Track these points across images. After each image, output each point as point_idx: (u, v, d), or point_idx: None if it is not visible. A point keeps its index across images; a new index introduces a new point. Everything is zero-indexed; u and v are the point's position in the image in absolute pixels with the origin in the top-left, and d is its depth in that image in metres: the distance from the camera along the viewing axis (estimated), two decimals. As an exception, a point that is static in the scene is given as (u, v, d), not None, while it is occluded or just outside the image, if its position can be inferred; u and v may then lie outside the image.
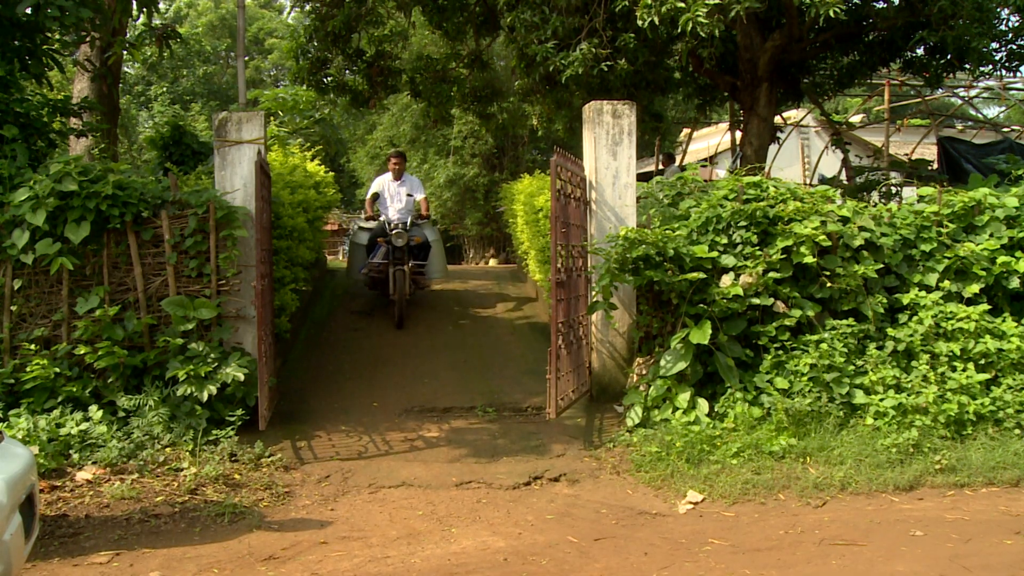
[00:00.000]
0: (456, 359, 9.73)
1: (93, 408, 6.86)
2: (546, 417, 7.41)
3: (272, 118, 14.72)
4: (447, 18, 12.57)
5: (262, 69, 40.71)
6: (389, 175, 11.50)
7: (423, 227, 11.55)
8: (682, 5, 8.53)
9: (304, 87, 13.63)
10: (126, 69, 23.96)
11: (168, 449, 6.66)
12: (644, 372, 7.60)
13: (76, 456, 6.49)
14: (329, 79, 13.02)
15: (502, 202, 18.49)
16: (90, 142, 10.82)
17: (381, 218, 11.14)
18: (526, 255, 13.51)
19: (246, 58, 28.94)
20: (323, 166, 13.25)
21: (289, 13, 36.14)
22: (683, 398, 7.11)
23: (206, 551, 5.17)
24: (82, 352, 6.99)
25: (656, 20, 8.70)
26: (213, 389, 6.93)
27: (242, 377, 7.06)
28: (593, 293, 7.65)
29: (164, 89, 23.59)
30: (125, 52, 10.83)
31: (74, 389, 6.95)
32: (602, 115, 8.20)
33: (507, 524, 5.67)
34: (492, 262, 25.24)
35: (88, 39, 9.62)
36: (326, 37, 12.35)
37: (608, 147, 8.17)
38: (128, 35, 11.16)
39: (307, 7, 12.84)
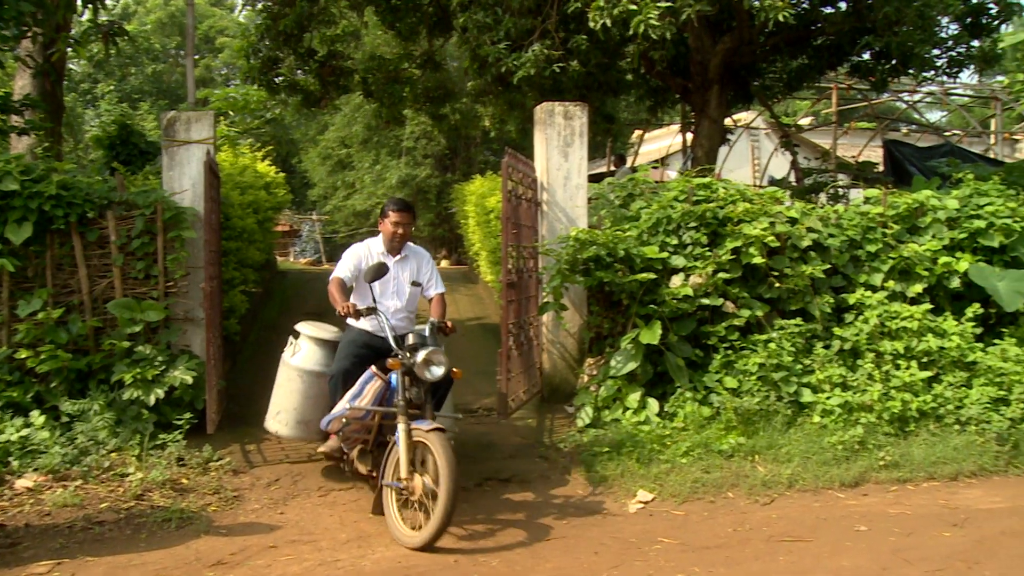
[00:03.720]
0: (408, 360, 9.66)
1: (35, 413, 6.69)
2: (497, 418, 7.40)
3: (222, 118, 14.57)
4: (400, 18, 12.52)
5: (213, 68, 40.26)
6: (377, 243, 6.29)
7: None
8: (634, 8, 8.57)
9: (255, 87, 13.51)
10: (72, 66, 23.53)
11: (114, 454, 6.53)
12: (595, 372, 7.63)
13: (16, 463, 6.31)
14: (280, 79, 12.89)
15: (454, 203, 18.47)
16: (33, 141, 10.60)
17: (375, 324, 6.00)
18: (477, 256, 13.51)
19: (196, 57, 28.62)
20: (274, 167, 13.14)
21: (240, 11, 35.85)
22: (633, 398, 7.14)
23: (152, 558, 5.07)
24: (23, 356, 6.82)
25: (608, 22, 8.73)
26: (160, 393, 6.82)
27: (190, 380, 6.96)
28: (544, 294, 7.66)
29: (111, 87, 23.23)
30: (70, 49, 10.63)
31: (15, 394, 6.78)
32: (553, 116, 8.22)
33: (457, 525, 5.62)
34: (444, 263, 25.15)
35: (30, 34, 9.41)
36: (277, 36, 12.22)
37: (560, 148, 8.19)
38: (73, 31, 10.95)
39: (258, 6, 12.68)
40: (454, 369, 5.68)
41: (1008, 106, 19.45)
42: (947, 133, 21.02)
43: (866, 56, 12.40)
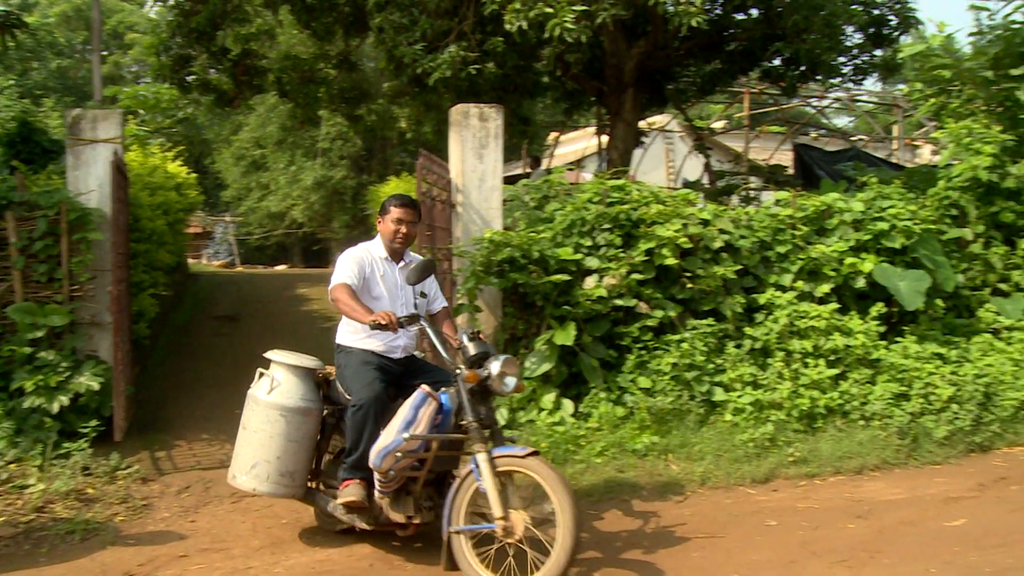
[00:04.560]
0: (324, 363, 9.56)
1: (-70, 423, 6.43)
2: (414, 420, 7.35)
3: (132, 117, 14.23)
4: (315, 18, 12.39)
5: (122, 65, 39.17)
6: (376, 247, 5.41)
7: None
8: (550, 10, 8.62)
9: (166, 85, 13.23)
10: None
11: (12, 465, 6.26)
12: (510, 373, 7.63)
13: (-93, 477, 6.05)
14: (192, 77, 12.66)
15: (370, 205, 18.34)
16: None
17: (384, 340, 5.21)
18: (394, 258, 13.42)
19: (104, 52, 27.90)
20: (185, 167, 12.89)
21: (151, 7, 35.05)
22: (548, 399, 7.17)
23: (53, 572, 4.91)
24: (-83, 363, 6.56)
25: (524, 24, 8.76)
26: (65, 400, 6.59)
27: (97, 386, 6.75)
28: (458, 296, 7.65)
29: (12, 82, 22.44)
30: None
31: (-94, 403, 6.49)
32: (469, 118, 8.21)
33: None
34: (361, 265, 24.98)
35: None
36: (189, 33, 11.99)
37: (475, 150, 8.18)
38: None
39: (170, 2, 12.42)
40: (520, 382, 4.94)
41: (908, 113, 20.09)
42: (853, 138, 21.63)
43: (777, 62, 12.68)
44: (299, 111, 14.16)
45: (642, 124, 13.89)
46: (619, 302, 7.45)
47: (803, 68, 12.12)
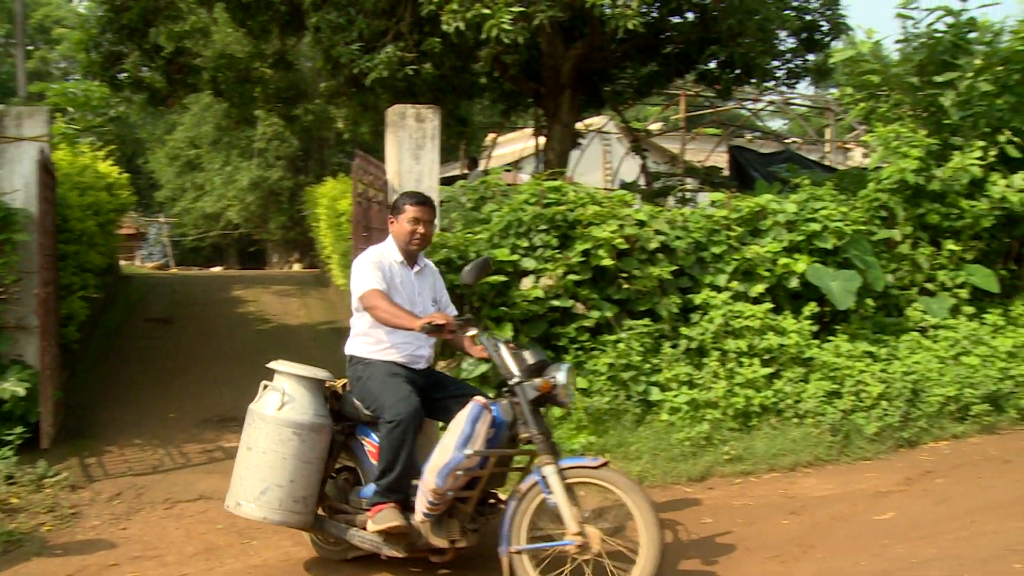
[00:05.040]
0: (257, 366, 9.33)
1: None
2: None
3: (60, 114, 13.90)
4: (251, 16, 12.21)
5: (49, 61, 38.30)
6: (389, 250, 5.00)
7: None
8: (487, 11, 8.62)
9: (96, 82, 12.93)
10: None
11: (-69, 475, 6.05)
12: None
13: None
14: (124, 75, 12.40)
15: (306, 206, 18.19)
16: None
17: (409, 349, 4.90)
18: (329, 260, 13.35)
19: (30, 48, 27.25)
20: (117, 167, 12.64)
21: (80, 1, 34.32)
22: (486, 400, 7.16)
23: (-28, 586, 4.79)
24: None
25: (461, 25, 8.76)
26: (-11, 406, 6.43)
27: (23, 392, 6.55)
28: (396, 297, 7.61)
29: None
30: None
31: None
32: (405, 119, 8.16)
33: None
34: (297, 267, 24.81)
35: None
36: (121, 30, 11.74)
37: (411, 151, 8.13)
38: None
39: (100, -5, 12.17)
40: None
41: (840, 117, 20.49)
42: (787, 140, 21.95)
43: (712, 65, 12.86)
44: (234, 111, 13.97)
45: (579, 125, 13.95)
46: (556, 303, 7.47)
47: (738, 71, 12.32)
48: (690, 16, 12.19)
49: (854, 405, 7.32)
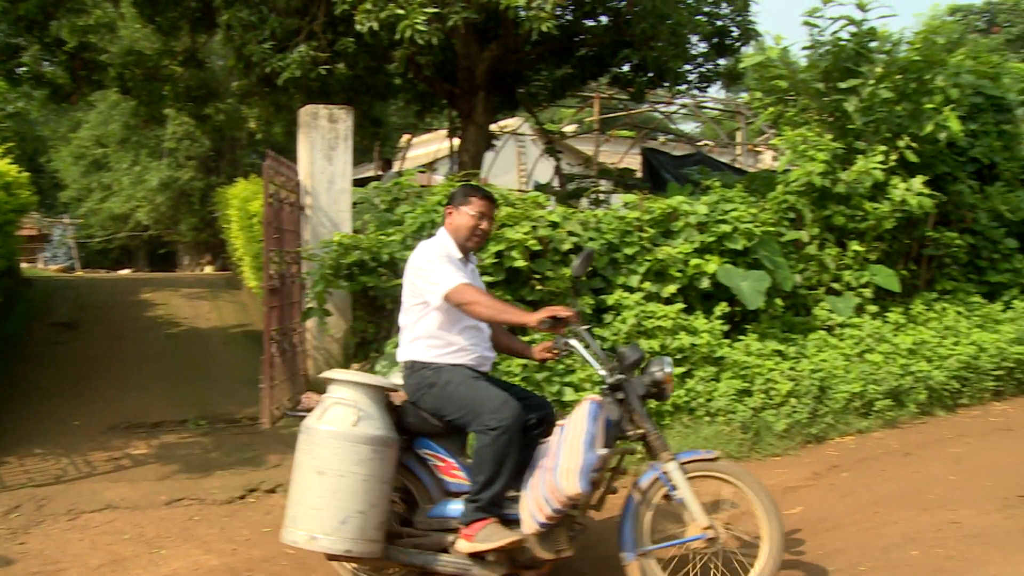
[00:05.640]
0: (166, 371, 9.26)
1: None
2: (261, 427, 7.21)
3: (-47, 111, 13.43)
4: (159, 12, 11.95)
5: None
6: (445, 243, 4.56)
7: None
8: (401, 12, 8.58)
9: (-8, 76, 12.51)
10: None
11: None
12: (361, 377, 7.54)
13: None
14: (23, 69, 12.01)
15: (218, 207, 17.87)
16: None
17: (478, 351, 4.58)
18: (241, 262, 13.13)
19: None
20: (17, 165, 12.21)
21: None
22: (400, 402, 7.11)
23: None
24: None
25: (375, 26, 8.71)
26: None
27: (-88, 400, 6.32)
28: (307, 300, 7.52)
29: None
30: None
31: None
32: (318, 119, 8.09)
33: (221, 541, 5.43)
34: (208, 269, 24.36)
35: None
36: (18, 21, 11.32)
37: (324, 152, 8.06)
38: None
39: (-7, -15, 11.74)
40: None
41: (750, 120, 20.86)
42: (699, 143, 22.33)
43: (626, 68, 13.02)
44: (143, 109, 13.66)
45: (494, 127, 13.99)
46: (470, 304, 7.44)
47: (651, 74, 12.49)
48: (604, 20, 12.32)
49: (764, 403, 7.45)
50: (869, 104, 8.95)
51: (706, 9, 12.51)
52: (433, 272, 4.36)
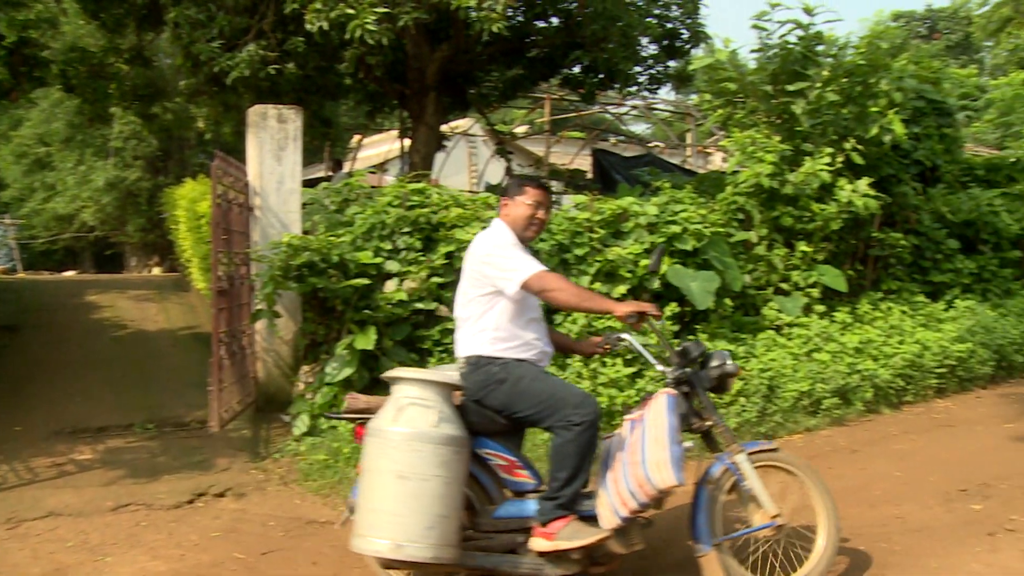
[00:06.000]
0: (113, 375, 9.11)
1: None
2: (210, 431, 7.13)
3: None
4: (104, 8, 11.75)
5: None
6: (502, 232, 4.49)
7: None
8: (351, 12, 8.54)
9: (-78, 71, 12.18)
10: None
11: None
12: (311, 380, 7.50)
13: None
14: (-42, 64, 11.73)
15: (166, 207, 17.65)
16: None
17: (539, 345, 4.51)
18: (189, 263, 12.98)
19: None
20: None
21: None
22: (350, 404, 7.07)
23: None
24: None
25: (325, 25, 8.66)
26: None
27: None
28: (257, 301, 7.45)
29: None
30: None
31: None
32: (267, 119, 8.02)
33: (169, 546, 5.36)
34: (156, 270, 24.04)
35: None
36: (-48, 16, 11.09)
37: (273, 152, 7.99)
38: None
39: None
40: None
41: (700, 122, 21.10)
42: (649, 144, 22.49)
43: (577, 70, 13.07)
44: (88, 107, 13.41)
45: (445, 128, 13.96)
46: (420, 305, 7.43)
47: (602, 76, 12.55)
48: (555, 21, 12.35)
49: (714, 402, 7.50)
50: (816, 107, 9.07)
51: (656, 11, 12.60)
52: (507, 259, 4.29)
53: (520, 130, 21.46)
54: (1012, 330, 9.45)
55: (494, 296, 4.34)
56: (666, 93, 25.48)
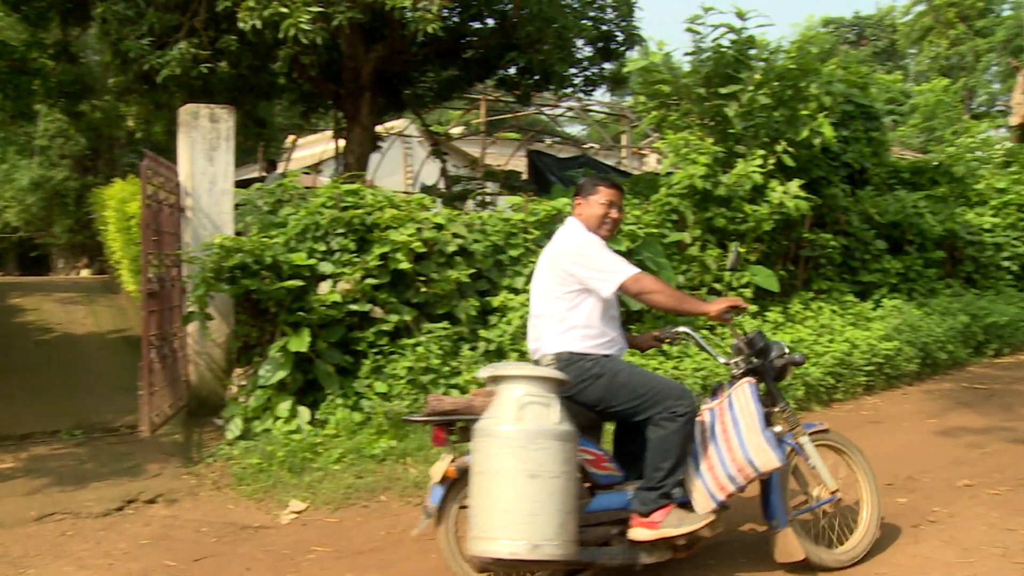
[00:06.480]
0: (37, 380, 8.89)
1: None
2: (140, 436, 6.99)
3: None
4: (25, 1, 11.47)
5: None
6: (578, 232, 4.55)
7: None
8: (285, 10, 8.47)
9: None
10: None
11: None
12: (244, 383, 7.41)
13: None
14: None
15: (94, 208, 17.30)
16: None
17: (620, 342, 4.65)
18: (119, 265, 12.75)
19: None
20: None
21: None
22: (284, 407, 7.00)
23: None
24: None
25: (258, 24, 8.57)
26: None
27: None
28: (188, 303, 7.34)
29: None
30: None
31: None
32: (199, 119, 7.90)
33: (96, 555, 5.22)
34: (85, 272, 23.56)
35: None
36: None
37: (205, 152, 7.88)
38: None
39: None
40: None
41: (635, 124, 21.27)
42: (585, 146, 22.65)
43: (512, 71, 13.09)
44: (9, 104, 13.10)
45: (380, 128, 13.90)
46: (354, 307, 7.38)
47: (537, 77, 12.59)
48: (490, 22, 12.36)
49: (648, 402, 7.58)
50: (748, 109, 9.22)
51: (591, 14, 12.68)
52: (601, 260, 4.36)
53: (456, 131, 21.45)
54: (936, 328, 9.70)
55: (580, 294, 4.40)
56: (601, 95, 25.69)
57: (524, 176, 16.12)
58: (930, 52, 42.36)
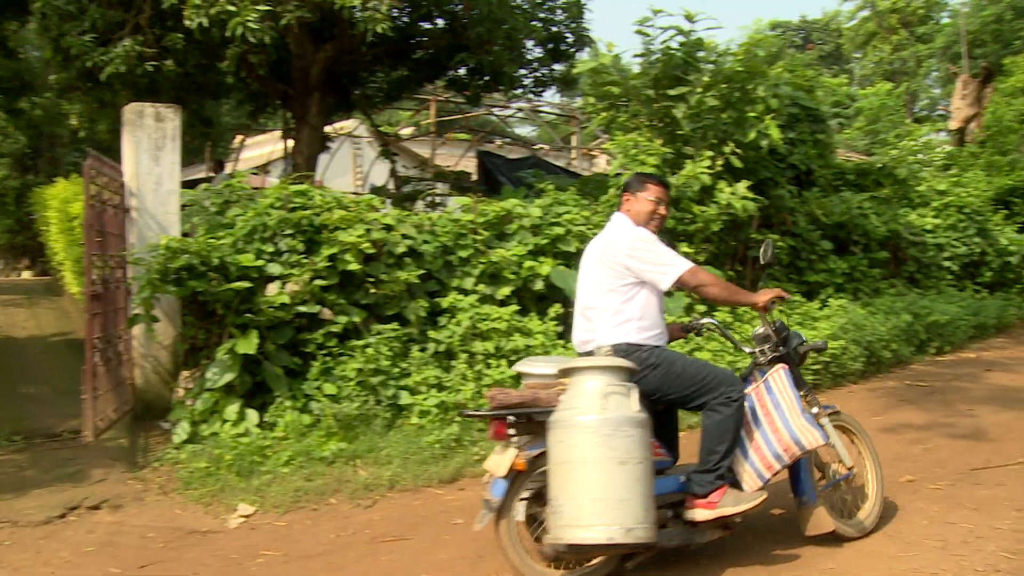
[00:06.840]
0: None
1: None
2: (84, 441, 6.87)
3: None
4: (-41, -7, 11.23)
5: None
6: (626, 227, 4.71)
7: None
8: (232, 8, 8.39)
9: None
10: None
11: None
12: (191, 386, 7.32)
13: None
14: None
15: (36, 208, 16.98)
16: None
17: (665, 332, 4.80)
18: (62, 266, 12.53)
19: None
20: None
21: None
22: (232, 410, 6.93)
23: None
24: None
25: (205, 22, 8.48)
26: None
27: None
28: (134, 306, 7.24)
29: None
30: None
31: None
32: (144, 118, 7.80)
33: (36, 565, 5.11)
34: (26, 274, 23.12)
35: None
36: None
37: (150, 152, 7.78)
38: None
39: None
40: None
41: (584, 125, 21.37)
42: (535, 147, 22.71)
43: (462, 72, 13.09)
44: (-57, 99, 12.83)
45: (329, 129, 13.82)
46: (303, 309, 7.34)
47: (487, 78, 12.60)
48: (440, 23, 12.34)
49: (600, 401, 7.62)
50: (697, 111, 9.30)
51: (541, 15, 12.73)
52: (658, 254, 4.54)
53: (405, 132, 21.37)
54: (880, 327, 9.88)
55: (634, 287, 4.55)
56: (551, 96, 25.82)
57: (474, 177, 16.11)
58: (874, 57, 43.16)
